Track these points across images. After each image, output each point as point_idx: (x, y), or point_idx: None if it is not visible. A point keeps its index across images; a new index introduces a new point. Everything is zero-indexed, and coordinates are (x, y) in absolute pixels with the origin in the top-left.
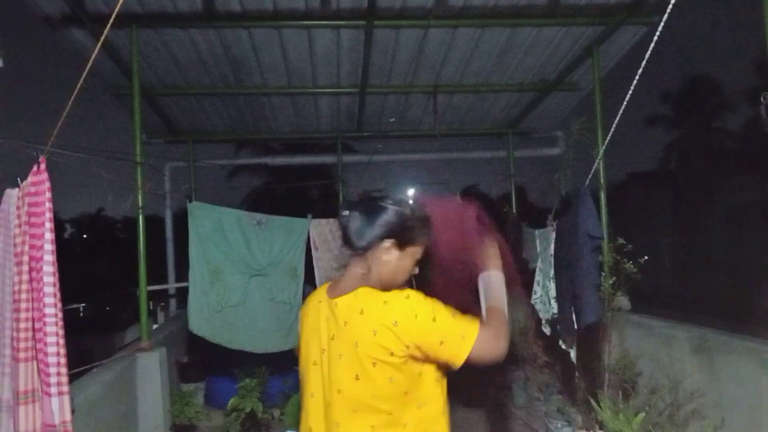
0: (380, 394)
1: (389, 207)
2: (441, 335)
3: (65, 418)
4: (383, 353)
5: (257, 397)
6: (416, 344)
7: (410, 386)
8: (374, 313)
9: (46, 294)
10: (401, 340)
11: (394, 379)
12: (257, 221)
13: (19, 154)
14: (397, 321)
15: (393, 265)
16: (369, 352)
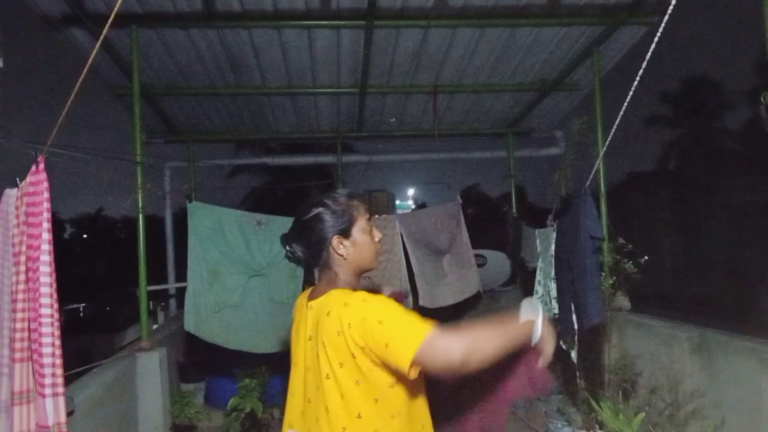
0: (348, 395)
1: (312, 214)
2: (386, 337)
3: (60, 420)
4: (346, 354)
5: (257, 397)
6: (368, 346)
7: (380, 395)
8: (337, 315)
9: (42, 294)
10: (356, 342)
11: (360, 382)
12: (257, 221)
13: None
14: (350, 323)
15: (353, 252)
16: (335, 352)
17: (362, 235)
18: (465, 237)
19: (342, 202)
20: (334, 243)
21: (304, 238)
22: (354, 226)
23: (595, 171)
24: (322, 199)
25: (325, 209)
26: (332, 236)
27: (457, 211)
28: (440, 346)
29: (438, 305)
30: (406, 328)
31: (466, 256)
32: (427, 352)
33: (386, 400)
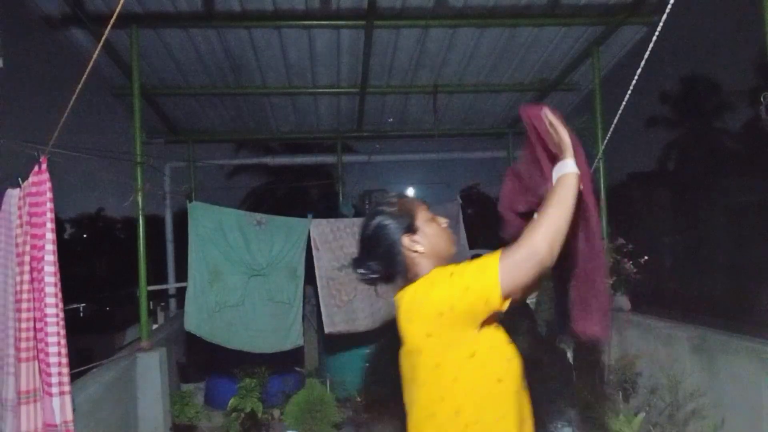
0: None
1: (373, 225)
2: (463, 283)
3: (67, 418)
4: (430, 326)
5: (257, 397)
6: (449, 305)
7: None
8: (412, 293)
9: (47, 294)
10: (436, 309)
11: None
12: (257, 221)
13: (20, 154)
14: (419, 299)
15: (427, 244)
16: (421, 325)
17: (429, 226)
18: (463, 238)
19: (395, 203)
20: (405, 243)
21: (375, 251)
22: (417, 219)
23: (595, 171)
24: (376, 208)
25: (383, 215)
26: (401, 237)
27: (457, 212)
28: (516, 256)
29: None
30: (478, 264)
31: (462, 258)
32: (507, 266)
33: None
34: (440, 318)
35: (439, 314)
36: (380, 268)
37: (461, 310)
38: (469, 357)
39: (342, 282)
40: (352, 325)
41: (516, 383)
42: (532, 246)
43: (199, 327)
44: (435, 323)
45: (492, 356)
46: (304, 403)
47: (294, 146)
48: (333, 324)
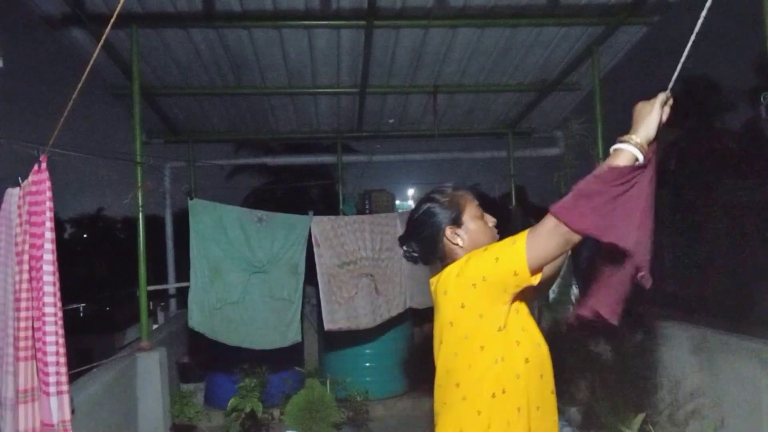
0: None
1: (422, 210)
2: (494, 254)
3: (64, 418)
4: (464, 297)
5: (257, 397)
6: (481, 276)
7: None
8: (449, 271)
9: (45, 293)
10: (469, 281)
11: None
12: (258, 218)
13: (19, 153)
14: (459, 272)
15: (468, 239)
16: (455, 296)
17: (474, 222)
18: None
19: (449, 194)
20: (448, 234)
21: (418, 234)
22: (464, 214)
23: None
24: (430, 194)
25: (433, 203)
26: (445, 227)
27: None
28: (542, 227)
29: (427, 306)
30: (508, 240)
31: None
32: (534, 238)
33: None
34: (474, 289)
35: (473, 285)
36: (420, 250)
37: (493, 281)
38: (498, 330)
39: (343, 279)
40: (353, 322)
41: (540, 369)
42: (555, 221)
43: (201, 324)
44: (469, 294)
45: (521, 336)
46: (304, 403)
47: (294, 146)
48: (334, 321)
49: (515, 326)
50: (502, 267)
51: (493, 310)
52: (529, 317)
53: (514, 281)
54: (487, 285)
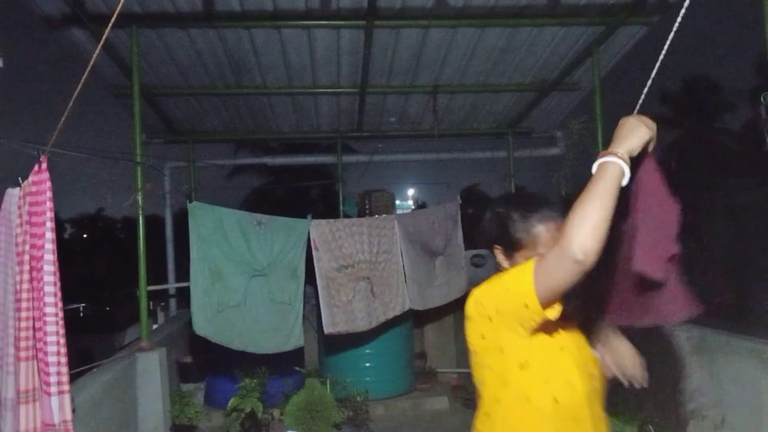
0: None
1: (488, 218)
2: (505, 284)
3: (65, 418)
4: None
5: (257, 397)
6: (494, 308)
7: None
8: (469, 301)
9: (46, 293)
10: (486, 312)
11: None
12: (258, 221)
13: (20, 154)
14: (476, 299)
15: (508, 267)
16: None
17: (526, 257)
18: (459, 239)
19: (529, 221)
20: (496, 251)
21: (480, 236)
22: (518, 251)
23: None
24: (509, 207)
25: (499, 215)
26: (494, 244)
27: (456, 211)
28: (547, 259)
29: (428, 307)
30: (517, 269)
31: (457, 258)
32: (541, 270)
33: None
34: (490, 322)
35: (489, 318)
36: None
37: (506, 313)
38: (520, 367)
39: (341, 282)
40: (351, 326)
41: (573, 411)
42: (562, 247)
43: (204, 328)
44: (486, 326)
45: (550, 375)
46: (304, 403)
47: (294, 146)
48: (334, 324)
49: (543, 362)
50: (513, 299)
51: (513, 345)
52: (568, 352)
53: (527, 315)
54: (501, 318)
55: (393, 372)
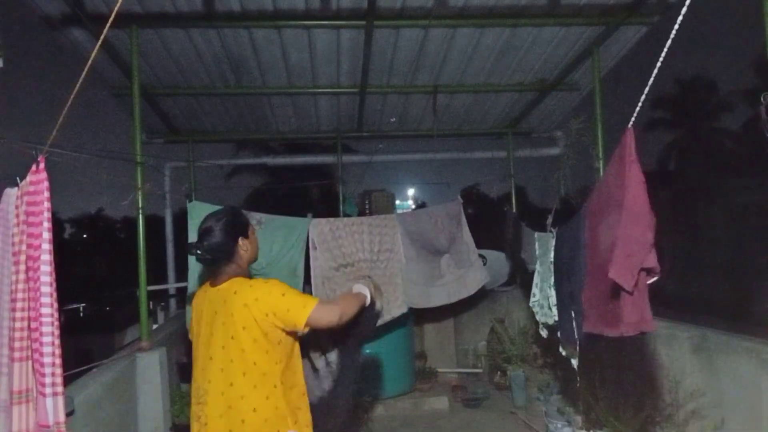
0: (248, 349)
1: (221, 223)
2: (288, 305)
3: (59, 419)
4: (250, 320)
5: None
6: (272, 312)
7: (272, 350)
8: (243, 293)
9: (42, 294)
10: (261, 310)
11: (257, 341)
12: (257, 221)
13: (18, 154)
14: (257, 297)
15: (250, 251)
16: (240, 319)
17: (255, 240)
18: (466, 236)
19: (239, 214)
20: (241, 242)
21: (225, 234)
22: (249, 229)
23: (595, 172)
24: (224, 209)
25: (234, 215)
26: (241, 236)
27: (458, 211)
28: (324, 310)
29: (431, 305)
30: (302, 299)
31: (466, 255)
32: (316, 313)
33: (274, 352)
34: (257, 320)
35: (264, 315)
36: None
37: (281, 320)
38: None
39: (337, 282)
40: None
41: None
42: (334, 313)
43: None
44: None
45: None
46: None
47: (294, 146)
48: None
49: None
50: (289, 317)
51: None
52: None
53: (291, 325)
54: (269, 319)
55: (393, 372)
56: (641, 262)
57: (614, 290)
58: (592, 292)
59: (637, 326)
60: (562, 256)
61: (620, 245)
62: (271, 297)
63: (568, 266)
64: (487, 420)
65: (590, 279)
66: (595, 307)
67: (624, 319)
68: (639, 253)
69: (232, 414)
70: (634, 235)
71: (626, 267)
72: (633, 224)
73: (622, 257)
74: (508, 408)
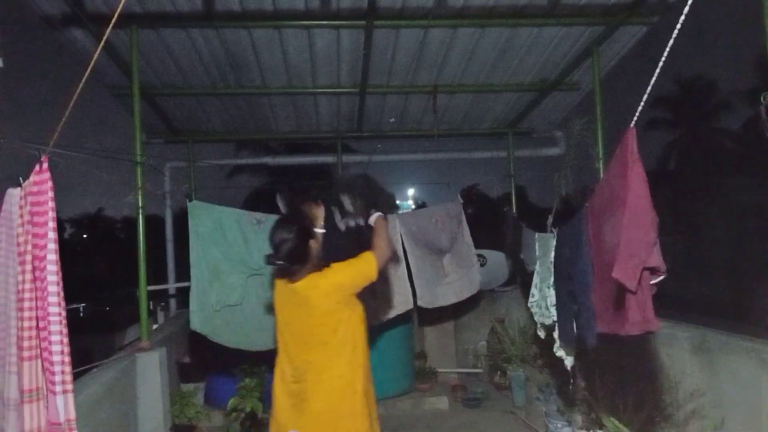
0: (335, 328)
1: (294, 228)
2: (356, 270)
3: (70, 417)
4: (332, 305)
5: (257, 397)
6: (349, 284)
7: (346, 323)
8: (322, 285)
9: (50, 293)
10: (338, 291)
11: (340, 319)
12: (257, 220)
13: (20, 154)
14: (333, 282)
15: (315, 250)
16: (324, 307)
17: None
18: (467, 236)
19: (303, 219)
20: (311, 245)
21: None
22: (312, 228)
23: (595, 172)
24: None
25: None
26: (310, 241)
27: (459, 211)
28: (381, 255)
29: (438, 305)
30: (362, 257)
31: (467, 255)
32: (379, 259)
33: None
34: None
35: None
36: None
37: (353, 284)
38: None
39: None
40: None
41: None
42: (386, 254)
43: (203, 326)
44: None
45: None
46: None
47: (294, 146)
48: None
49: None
50: (360, 275)
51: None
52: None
53: (367, 282)
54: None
55: (393, 372)
56: (644, 261)
57: (618, 290)
58: (598, 292)
59: (642, 326)
60: (562, 255)
61: (623, 245)
62: (342, 274)
63: (569, 266)
64: (487, 420)
65: (596, 279)
66: (602, 307)
67: (629, 319)
68: (641, 253)
69: (324, 383)
70: (636, 235)
71: (629, 267)
72: (635, 224)
73: (625, 257)
74: (507, 408)
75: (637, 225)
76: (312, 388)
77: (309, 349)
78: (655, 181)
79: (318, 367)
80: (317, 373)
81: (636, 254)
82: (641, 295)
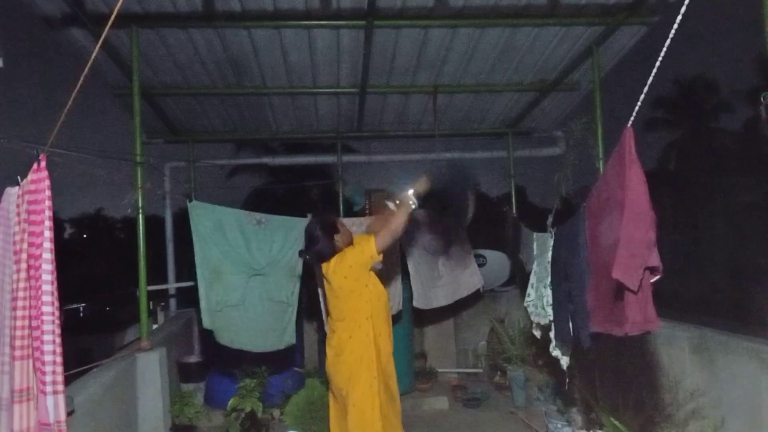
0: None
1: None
2: (359, 245)
3: (60, 418)
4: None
5: (257, 397)
6: (357, 260)
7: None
8: (343, 261)
9: (44, 292)
10: (356, 263)
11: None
12: (257, 221)
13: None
14: (345, 255)
15: (345, 238)
16: (349, 276)
17: (343, 227)
18: (463, 238)
19: (328, 217)
20: (336, 239)
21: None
22: (338, 224)
23: (595, 172)
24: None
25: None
26: (335, 236)
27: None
28: (383, 238)
29: (431, 306)
30: (366, 237)
31: (462, 258)
32: (380, 241)
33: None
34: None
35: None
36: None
37: (362, 260)
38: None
39: None
40: None
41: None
42: (390, 236)
43: (212, 324)
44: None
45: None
46: (304, 403)
47: (294, 146)
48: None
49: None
50: (362, 252)
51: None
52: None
53: (371, 257)
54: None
55: None
56: (644, 261)
57: (618, 290)
58: (596, 292)
59: (642, 325)
60: (560, 255)
61: (623, 245)
62: (348, 250)
63: (566, 265)
64: (487, 420)
65: (594, 279)
66: (601, 307)
67: (629, 319)
68: (642, 253)
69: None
70: (636, 235)
71: (630, 267)
72: (635, 224)
73: (626, 257)
74: (507, 408)
75: (636, 225)
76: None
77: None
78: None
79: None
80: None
81: (637, 254)
82: (642, 294)
